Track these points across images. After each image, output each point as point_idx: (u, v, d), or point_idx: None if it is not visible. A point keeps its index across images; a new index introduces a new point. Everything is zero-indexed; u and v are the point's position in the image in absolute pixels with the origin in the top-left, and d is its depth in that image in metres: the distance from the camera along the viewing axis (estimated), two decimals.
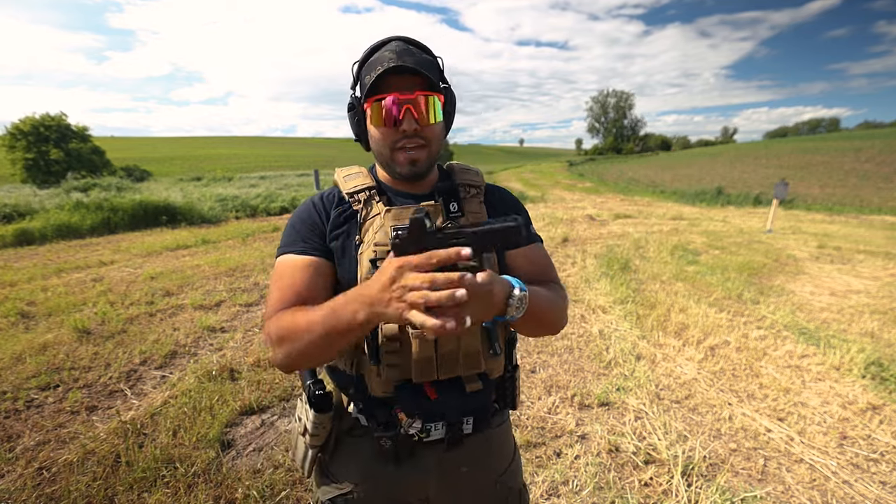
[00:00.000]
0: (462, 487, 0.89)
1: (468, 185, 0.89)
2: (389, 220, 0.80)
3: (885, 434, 2.35)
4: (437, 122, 0.80)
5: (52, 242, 6.77)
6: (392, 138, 0.78)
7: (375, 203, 0.83)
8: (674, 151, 72.76)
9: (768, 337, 3.57)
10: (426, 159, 0.81)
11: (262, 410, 2.46)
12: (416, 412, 0.77)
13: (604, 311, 4.10)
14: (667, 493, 1.93)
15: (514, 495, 0.95)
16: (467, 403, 0.80)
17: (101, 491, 1.84)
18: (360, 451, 0.87)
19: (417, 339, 0.76)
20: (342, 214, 0.84)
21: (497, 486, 0.92)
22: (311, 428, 0.85)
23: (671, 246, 7.03)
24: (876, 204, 16.38)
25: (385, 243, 0.78)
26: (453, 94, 0.86)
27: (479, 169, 0.97)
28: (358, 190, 0.85)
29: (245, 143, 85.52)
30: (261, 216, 10.23)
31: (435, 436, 0.80)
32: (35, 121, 19.95)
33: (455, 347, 0.78)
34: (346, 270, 0.82)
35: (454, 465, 0.87)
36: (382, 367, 0.77)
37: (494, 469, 0.93)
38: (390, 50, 0.78)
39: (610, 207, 13.57)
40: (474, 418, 0.82)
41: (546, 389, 2.77)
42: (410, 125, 0.76)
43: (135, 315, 3.76)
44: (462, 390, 0.80)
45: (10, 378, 2.72)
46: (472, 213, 0.86)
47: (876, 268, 6.12)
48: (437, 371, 0.78)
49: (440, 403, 0.78)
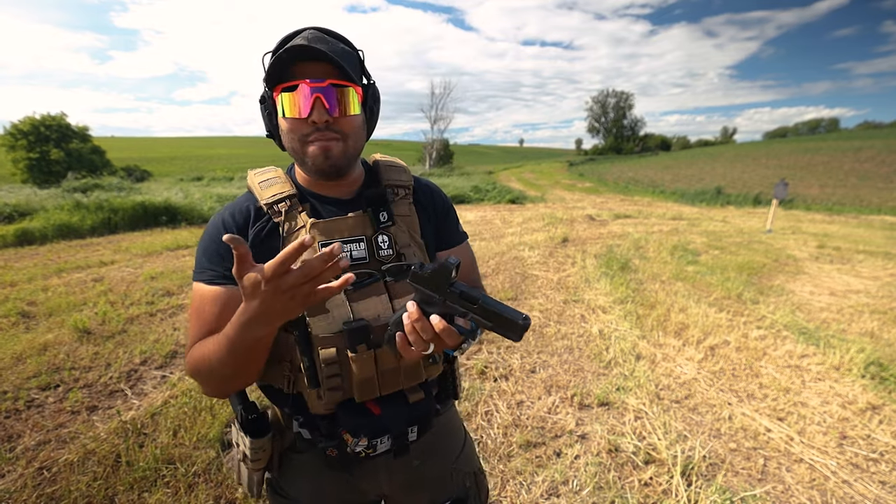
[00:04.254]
0: (417, 481, 0.89)
1: (396, 186, 0.84)
2: (318, 235, 0.74)
3: (884, 434, 2.35)
4: (354, 114, 0.73)
5: (53, 242, 6.77)
6: (302, 131, 0.72)
7: (299, 214, 0.76)
8: (673, 151, 72.79)
9: (768, 337, 3.57)
10: (342, 154, 0.74)
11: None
12: (362, 431, 0.75)
13: (604, 311, 4.10)
14: (666, 493, 1.93)
15: (471, 478, 0.95)
16: (411, 413, 0.79)
17: (102, 491, 1.84)
18: (306, 464, 0.85)
19: (357, 361, 0.73)
20: (262, 231, 0.77)
21: (452, 473, 0.92)
22: (251, 453, 0.82)
23: (671, 246, 7.03)
24: (875, 204, 16.39)
25: None
26: (376, 89, 0.80)
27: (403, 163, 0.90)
28: (277, 200, 0.76)
29: (246, 143, 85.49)
30: None
31: (381, 449, 0.78)
32: (35, 121, 19.97)
33: (395, 365, 0.77)
34: None
35: (404, 462, 0.86)
36: (322, 390, 0.74)
37: (447, 457, 0.92)
38: (302, 37, 0.71)
39: (610, 207, 13.57)
40: (419, 426, 0.81)
41: (546, 389, 2.77)
42: (321, 116, 0.69)
43: (135, 315, 3.77)
44: (405, 402, 0.80)
45: (10, 378, 2.72)
46: (403, 217, 0.82)
47: (876, 268, 6.12)
48: (380, 389, 0.77)
49: (384, 418, 0.77)
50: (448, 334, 0.63)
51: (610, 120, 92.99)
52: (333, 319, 0.73)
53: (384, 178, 0.85)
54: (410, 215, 0.84)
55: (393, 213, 0.81)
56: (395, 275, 0.77)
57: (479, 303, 0.62)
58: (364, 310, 0.75)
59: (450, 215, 0.93)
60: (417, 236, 0.84)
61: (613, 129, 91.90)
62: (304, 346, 0.73)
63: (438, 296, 0.65)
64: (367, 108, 0.78)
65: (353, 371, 0.74)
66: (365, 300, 0.75)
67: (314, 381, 0.74)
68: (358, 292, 0.75)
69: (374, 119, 0.82)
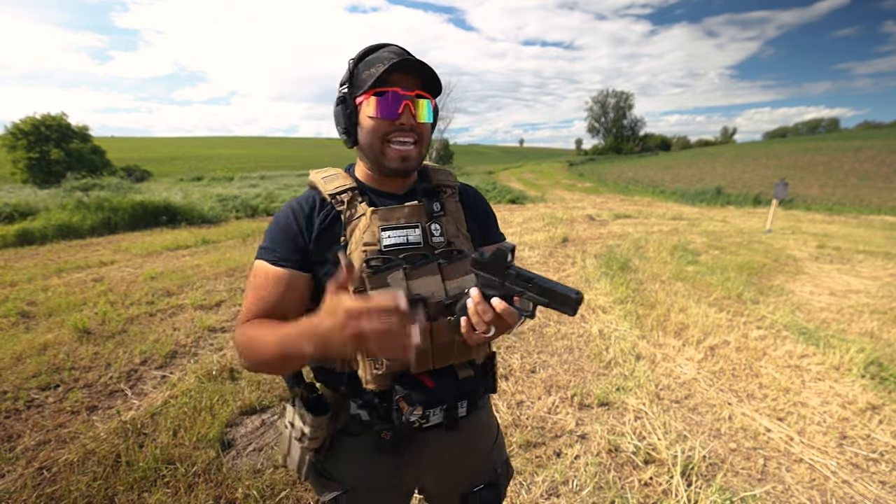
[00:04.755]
0: (455, 468, 0.95)
1: (444, 186, 0.94)
2: (377, 221, 0.83)
3: (884, 434, 2.35)
4: (429, 121, 0.85)
5: (53, 242, 6.77)
6: (386, 129, 0.81)
7: (359, 204, 0.85)
8: (673, 151, 72.80)
9: (768, 337, 3.57)
10: (417, 156, 0.85)
11: (263, 410, 2.47)
12: (417, 401, 0.80)
13: (604, 311, 4.10)
14: (666, 493, 1.93)
15: (503, 466, 1.03)
16: (461, 388, 0.85)
17: (102, 491, 1.84)
18: (357, 447, 0.90)
19: None
20: (326, 219, 0.85)
21: (487, 460, 1.00)
22: (310, 432, 0.86)
23: (671, 246, 7.03)
24: (875, 204, 16.39)
25: (374, 243, 0.81)
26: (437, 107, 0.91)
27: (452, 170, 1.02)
28: (340, 191, 0.86)
29: (246, 143, 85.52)
30: (261, 216, 10.22)
31: (434, 421, 0.83)
32: (35, 121, 19.97)
33: (450, 339, 0.83)
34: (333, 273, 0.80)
35: (446, 448, 0.92)
36: (380, 361, 0.80)
37: (482, 447, 0.99)
38: (390, 51, 0.82)
39: (610, 207, 13.57)
40: (468, 401, 0.87)
41: (546, 389, 2.77)
42: (408, 119, 0.80)
43: (135, 315, 3.77)
44: (455, 377, 0.86)
45: (10, 378, 2.72)
46: (451, 212, 0.91)
47: (875, 268, 6.12)
48: (433, 361, 0.84)
49: (437, 391, 0.83)
50: (508, 314, 0.69)
51: (610, 120, 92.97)
52: None
53: (433, 179, 0.95)
54: (457, 211, 0.93)
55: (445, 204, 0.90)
56: (448, 258, 0.85)
57: (534, 282, 0.67)
58: (419, 287, 0.82)
59: (490, 217, 1.03)
60: (464, 229, 0.93)
61: (613, 129, 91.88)
62: None
63: (497, 279, 0.70)
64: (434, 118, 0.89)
65: None
66: (420, 279, 0.83)
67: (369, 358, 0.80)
68: (414, 271, 0.82)
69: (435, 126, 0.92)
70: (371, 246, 0.81)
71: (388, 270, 0.80)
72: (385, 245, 0.82)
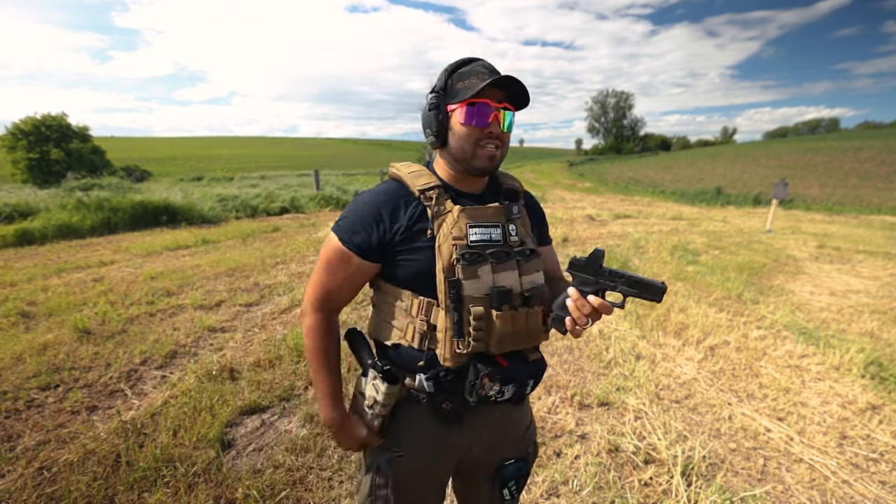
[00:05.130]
0: (496, 440, 1.05)
1: (514, 191, 1.04)
2: (465, 218, 0.92)
3: (884, 434, 2.35)
4: (510, 131, 0.95)
5: (53, 242, 6.76)
6: (477, 136, 0.90)
7: (445, 201, 0.94)
8: (673, 151, 72.76)
9: (768, 337, 3.57)
10: (500, 158, 0.95)
11: (262, 410, 2.46)
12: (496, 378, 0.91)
13: None
14: (666, 493, 1.93)
15: (533, 447, 1.14)
16: (531, 369, 0.97)
17: (102, 491, 1.84)
18: (416, 416, 0.99)
19: (500, 319, 0.90)
20: (415, 213, 0.94)
21: (522, 440, 1.10)
22: (383, 399, 0.95)
23: (671, 246, 7.03)
24: (875, 204, 16.39)
25: (461, 237, 0.90)
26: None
27: None
28: (428, 187, 0.94)
29: (246, 143, 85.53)
30: (261, 216, 10.22)
31: (507, 395, 0.94)
32: (36, 121, 19.96)
33: (524, 326, 0.94)
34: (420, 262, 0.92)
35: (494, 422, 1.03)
36: (467, 341, 0.90)
37: (521, 425, 1.10)
38: (482, 65, 0.93)
39: (610, 207, 13.57)
40: (534, 380, 0.98)
41: (546, 389, 2.77)
42: (496, 129, 0.91)
43: (135, 315, 3.77)
44: (525, 359, 0.98)
45: (10, 378, 2.72)
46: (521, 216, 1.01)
47: (875, 268, 6.12)
48: (513, 343, 0.94)
49: (511, 370, 0.93)
50: (604, 307, 0.85)
51: (610, 120, 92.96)
52: (482, 284, 0.90)
53: (504, 183, 1.05)
54: (524, 215, 1.03)
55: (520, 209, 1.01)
56: (523, 256, 0.96)
57: (625, 277, 0.83)
58: (502, 279, 0.92)
59: (545, 222, 1.16)
60: (529, 230, 1.04)
61: (613, 129, 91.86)
62: (455, 303, 0.88)
63: (593, 277, 0.86)
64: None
65: (495, 326, 0.90)
66: (503, 272, 0.93)
67: (459, 334, 0.90)
68: (499, 265, 0.93)
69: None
70: (459, 240, 0.90)
71: (478, 263, 0.90)
72: (471, 240, 0.91)
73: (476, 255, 0.90)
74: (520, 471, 1.08)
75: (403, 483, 0.99)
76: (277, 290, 4.50)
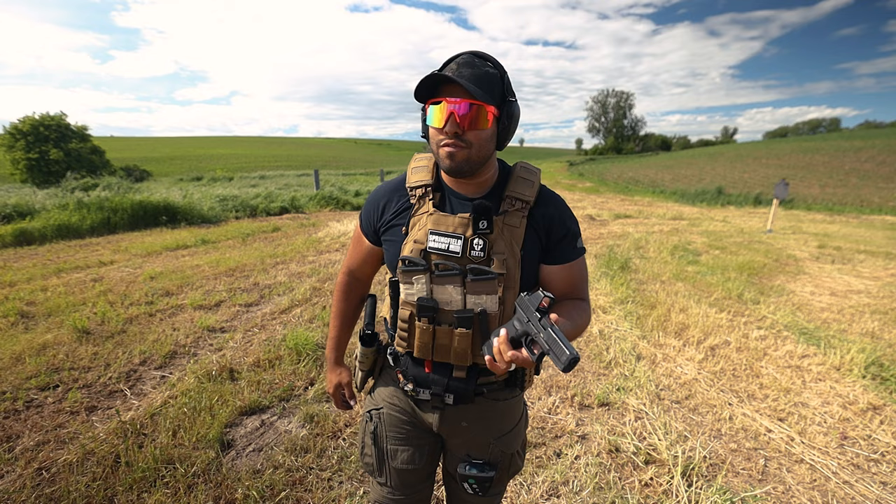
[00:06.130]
0: (461, 436, 1.07)
1: (515, 199, 0.93)
2: (430, 223, 0.92)
3: (885, 434, 2.35)
4: (481, 129, 0.86)
5: (52, 242, 6.76)
6: (438, 137, 0.88)
7: (428, 201, 0.95)
8: (674, 151, 72.72)
9: (769, 337, 3.57)
10: (464, 159, 0.87)
11: (262, 410, 2.46)
12: (410, 376, 1.01)
13: (604, 311, 4.09)
14: (667, 494, 1.93)
15: (506, 458, 1.09)
16: (450, 384, 0.98)
17: (101, 491, 1.84)
18: (390, 382, 1.11)
19: (419, 328, 0.95)
20: (401, 206, 0.99)
21: (491, 445, 1.06)
22: (360, 357, 1.10)
23: (671, 246, 7.03)
24: (876, 204, 16.38)
25: (422, 241, 0.92)
26: (513, 106, 0.90)
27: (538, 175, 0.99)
28: (417, 185, 0.97)
29: (246, 142, 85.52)
30: (261, 216, 10.21)
31: (422, 398, 1.01)
32: (34, 120, 19.94)
33: (448, 344, 0.95)
34: (392, 255, 0.98)
35: (456, 417, 1.04)
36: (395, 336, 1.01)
37: (492, 431, 1.06)
38: (456, 62, 0.88)
39: (610, 207, 13.57)
40: (454, 396, 0.98)
41: (546, 389, 2.76)
42: (452, 128, 0.85)
43: (134, 315, 3.76)
44: (450, 374, 0.98)
45: (9, 378, 2.71)
46: (510, 228, 0.92)
47: (876, 268, 6.12)
48: (433, 355, 0.97)
49: (430, 378, 0.99)
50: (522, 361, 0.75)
51: (610, 120, 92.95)
52: (414, 291, 0.94)
53: (509, 188, 0.95)
54: (518, 228, 0.93)
55: (501, 222, 0.92)
56: (476, 275, 0.90)
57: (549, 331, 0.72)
58: (440, 293, 0.93)
59: (567, 235, 0.98)
60: (517, 248, 0.93)
61: (614, 129, 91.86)
62: (393, 301, 1.00)
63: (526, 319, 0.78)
64: (500, 122, 0.90)
65: (416, 333, 0.96)
66: (443, 286, 0.92)
67: (392, 328, 1.03)
68: (439, 278, 0.92)
69: (507, 132, 0.91)
70: (419, 244, 0.92)
71: (415, 272, 0.91)
72: (430, 247, 0.91)
73: (415, 263, 0.91)
74: (481, 472, 1.04)
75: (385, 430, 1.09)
76: (277, 290, 4.50)
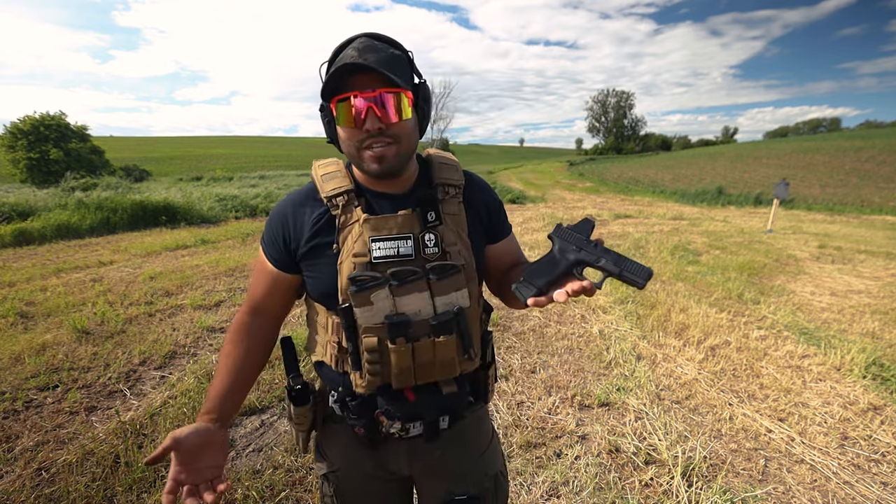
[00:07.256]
0: (438, 468, 0.94)
1: (447, 185, 0.86)
2: (368, 230, 0.78)
3: (886, 435, 2.34)
4: (405, 119, 0.76)
5: (52, 242, 6.76)
6: (357, 138, 0.75)
7: (355, 208, 0.81)
8: (674, 151, 72.77)
9: (769, 337, 3.56)
10: (395, 156, 0.77)
11: (262, 411, 2.46)
12: (396, 415, 0.83)
13: (604, 312, 4.09)
14: (667, 494, 1.92)
15: (490, 480, 0.97)
16: (443, 403, 0.85)
17: (101, 491, 1.83)
18: (340, 435, 0.93)
19: (395, 353, 0.79)
20: (320, 221, 0.82)
21: (473, 471, 0.96)
22: (294, 417, 0.91)
23: (671, 246, 7.03)
24: (877, 204, 16.37)
25: (364, 254, 0.78)
26: (426, 88, 0.82)
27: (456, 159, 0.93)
28: (336, 193, 0.81)
29: (245, 142, 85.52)
30: (260, 216, 10.21)
31: (414, 433, 0.86)
32: (34, 120, 19.94)
33: (431, 358, 0.81)
34: (323, 280, 0.82)
35: (426, 450, 0.91)
36: (364, 373, 0.80)
37: (469, 455, 0.96)
38: (353, 48, 0.74)
39: (610, 207, 13.57)
40: (450, 416, 0.88)
41: (546, 390, 2.76)
42: (374, 124, 0.73)
43: (134, 315, 3.76)
44: (439, 392, 0.84)
45: (9, 378, 2.71)
46: (452, 216, 0.84)
47: (877, 268, 6.11)
48: (415, 378, 0.81)
49: (418, 405, 0.83)
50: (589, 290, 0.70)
51: (610, 120, 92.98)
52: (377, 311, 0.78)
53: (436, 176, 0.87)
54: (459, 214, 0.86)
55: (441, 212, 0.83)
56: (439, 273, 0.79)
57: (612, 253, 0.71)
58: (406, 304, 0.79)
59: (500, 210, 0.96)
60: (464, 234, 0.86)
61: (614, 129, 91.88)
62: (349, 332, 0.79)
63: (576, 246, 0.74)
64: (418, 108, 0.80)
65: (391, 360, 0.79)
66: (408, 295, 0.79)
67: (357, 365, 0.81)
68: (402, 287, 0.78)
69: (426, 118, 0.83)
70: (361, 257, 0.77)
71: (372, 288, 0.76)
72: (375, 257, 0.77)
73: (368, 279, 0.76)
74: None
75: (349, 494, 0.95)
76: None
